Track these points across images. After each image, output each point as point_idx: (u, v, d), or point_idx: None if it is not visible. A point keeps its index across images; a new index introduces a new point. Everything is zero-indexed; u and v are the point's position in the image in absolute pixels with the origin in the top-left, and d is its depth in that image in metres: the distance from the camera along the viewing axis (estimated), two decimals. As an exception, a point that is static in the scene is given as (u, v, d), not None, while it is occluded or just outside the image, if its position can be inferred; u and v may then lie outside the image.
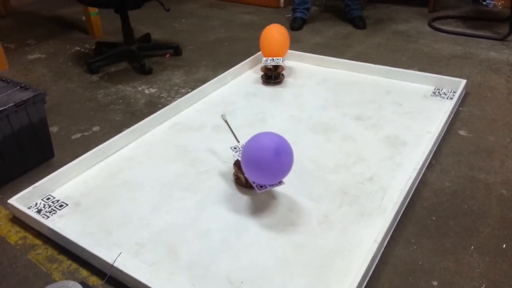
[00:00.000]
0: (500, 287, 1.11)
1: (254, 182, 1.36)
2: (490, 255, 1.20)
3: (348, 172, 1.52)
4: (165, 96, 2.15)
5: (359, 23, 2.96)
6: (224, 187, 1.47)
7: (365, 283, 1.11)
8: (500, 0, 3.17)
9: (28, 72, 2.47)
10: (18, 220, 1.38)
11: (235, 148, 1.48)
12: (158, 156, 1.66)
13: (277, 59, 2.12)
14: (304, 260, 1.18)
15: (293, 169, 1.53)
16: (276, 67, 2.16)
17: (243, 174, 1.40)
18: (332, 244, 1.23)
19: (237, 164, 1.46)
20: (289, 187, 1.45)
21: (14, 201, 1.37)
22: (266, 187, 1.36)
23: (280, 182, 1.38)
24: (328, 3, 3.48)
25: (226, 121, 1.67)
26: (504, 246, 1.23)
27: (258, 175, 1.32)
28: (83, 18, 3.04)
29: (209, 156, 1.63)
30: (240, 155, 1.41)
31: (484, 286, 1.11)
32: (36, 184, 1.44)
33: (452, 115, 1.84)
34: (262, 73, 2.19)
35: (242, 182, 1.46)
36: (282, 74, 2.19)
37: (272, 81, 2.15)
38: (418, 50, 2.56)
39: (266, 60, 2.13)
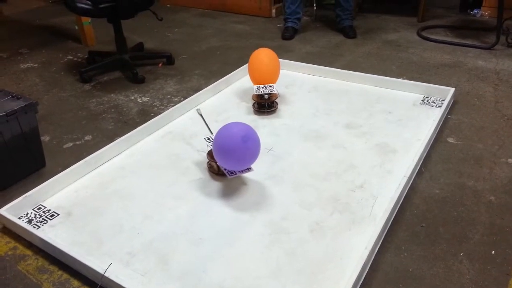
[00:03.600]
0: (489, 293, 1.12)
1: (225, 169, 1.47)
2: (479, 261, 1.21)
3: (339, 180, 1.53)
4: (158, 105, 2.16)
5: (349, 33, 2.99)
6: (216, 195, 1.48)
7: (356, 290, 1.12)
8: (487, 10, 3.23)
9: (20, 81, 2.46)
10: (8, 230, 1.37)
11: (208, 139, 1.61)
12: (151, 165, 1.66)
13: (270, 86, 1.95)
14: (296, 268, 1.19)
15: (285, 177, 1.55)
16: (269, 95, 1.98)
17: (216, 162, 1.52)
18: (324, 251, 1.24)
19: (210, 153, 1.58)
20: (281, 195, 1.46)
21: (4, 211, 1.37)
22: (235, 173, 1.47)
23: (249, 169, 1.47)
24: (319, 13, 3.52)
25: (200, 114, 1.75)
26: (493, 252, 1.24)
27: (228, 161, 1.43)
28: (76, 27, 3.05)
29: (201, 164, 1.64)
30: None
31: (473, 292, 1.12)
32: (27, 194, 1.43)
33: (441, 123, 1.87)
34: (253, 101, 2.01)
35: (214, 170, 1.58)
36: (276, 102, 2.02)
37: (266, 111, 1.98)
38: (407, 59, 2.59)
39: (258, 88, 1.95)
